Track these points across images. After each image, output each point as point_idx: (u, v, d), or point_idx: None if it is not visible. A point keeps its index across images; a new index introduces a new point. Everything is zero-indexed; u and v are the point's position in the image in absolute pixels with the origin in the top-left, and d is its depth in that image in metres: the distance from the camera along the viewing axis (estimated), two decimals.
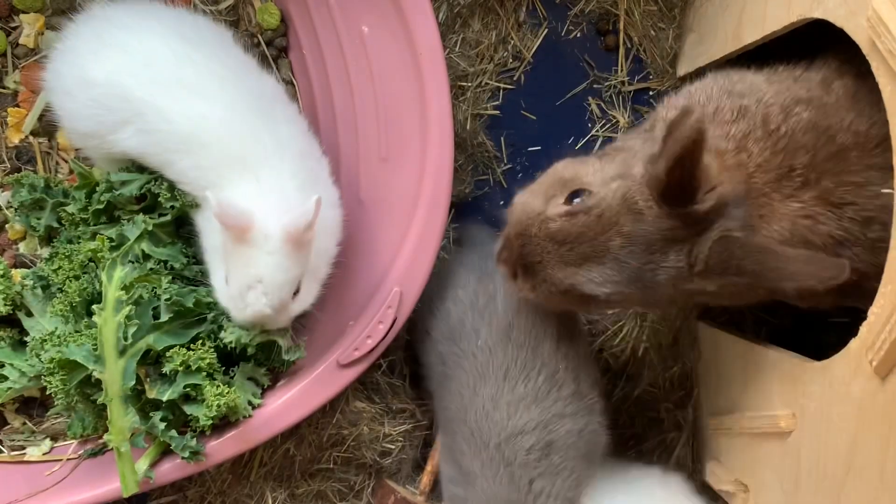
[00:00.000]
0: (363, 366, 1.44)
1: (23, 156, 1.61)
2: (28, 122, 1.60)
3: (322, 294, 1.40)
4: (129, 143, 1.37)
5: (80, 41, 1.41)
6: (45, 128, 1.61)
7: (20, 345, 1.50)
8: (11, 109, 1.60)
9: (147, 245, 1.42)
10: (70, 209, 1.49)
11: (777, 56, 1.31)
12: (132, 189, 1.44)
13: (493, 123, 1.72)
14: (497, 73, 1.72)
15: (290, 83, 1.66)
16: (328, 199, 1.39)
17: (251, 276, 1.26)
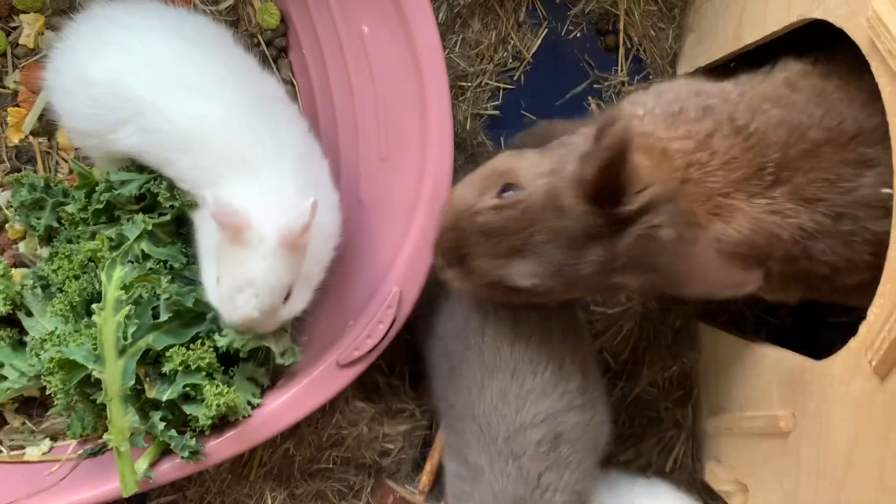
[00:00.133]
0: (363, 366, 1.43)
1: (23, 155, 1.61)
2: (28, 122, 1.60)
3: (315, 299, 1.38)
4: (129, 143, 1.37)
5: (81, 40, 1.40)
6: (45, 127, 1.61)
7: (20, 345, 1.50)
8: (11, 109, 1.60)
9: (147, 245, 1.42)
10: (70, 209, 1.49)
11: (777, 56, 1.31)
12: (131, 189, 1.44)
13: (493, 123, 1.72)
14: (497, 73, 1.72)
15: (290, 83, 1.66)
16: (327, 203, 1.39)
17: (242, 279, 1.25)
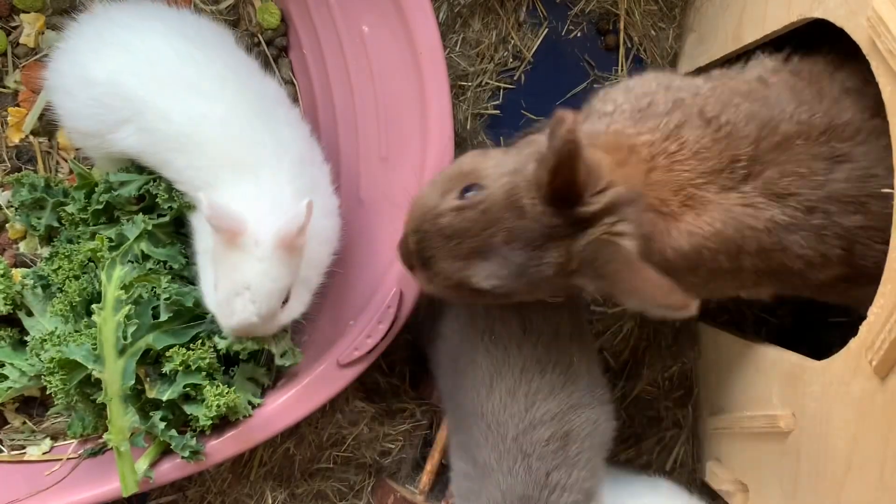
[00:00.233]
0: (363, 366, 1.43)
1: (23, 155, 1.61)
2: (28, 122, 1.60)
3: (314, 303, 1.38)
4: (129, 142, 1.37)
5: (82, 40, 1.41)
6: (46, 127, 1.61)
7: (20, 344, 1.50)
8: (12, 109, 1.60)
9: (146, 245, 1.42)
10: (69, 209, 1.49)
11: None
12: (131, 190, 1.45)
13: (494, 123, 1.72)
14: (497, 73, 1.71)
15: (291, 83, 1.67)
16: (327, 208, 1.39)
17: (239, 283, 1.24)
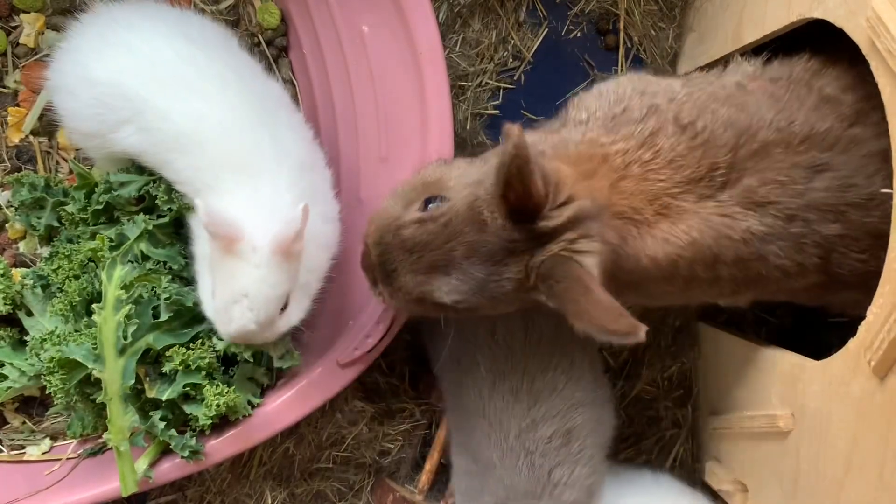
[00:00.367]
0: (363, 366, 1.43)
1: (23, 155, 1.61)
2: (28, 122, 1.60)
3: (313, 308, 1.37)
4: (130, 142, 1.37)
5: (84, 40, 1.41)
6: (46, 127, 1.61)
7: (20, 344, 1.50)
8: (12, 109, 1.60)
9: (146, 246, 1.42)
10: (69, 209, 1.49)
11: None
12: (131, 190, 1.45)
13: (493, 123, 1.72)
14: (497, 73, 1.71)
15: (291, 83, 1.67)
16: (327, 214, 1.38)
17: (237, 290, 1.23)
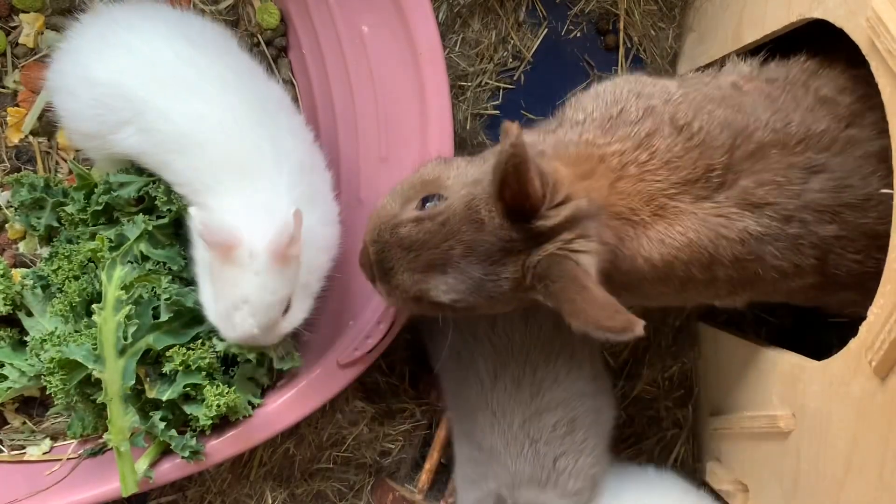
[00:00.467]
0: (363, 366, 1.43)
1: (22, 155, 1.61)
2: (28, 122, 1.60)
3: (315, 307, 1.36)
4: (129, 143, 1.37)
5: (84, 41, 1.40)
6: (45, 127, 1.61)
7: (20, 344, 1.50)
8: (11, 109, 1.60)
9: (146, 246, 1.42)
10: (69, 209, 1.49)
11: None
12: (130, 191, 1.44)
13: (493, 123, 1.71)
14: (497, 73, 1.71)
15: (290, 83, 1.66)
16: (326, 216, 1.38)
17: (237, 297, 1.24)
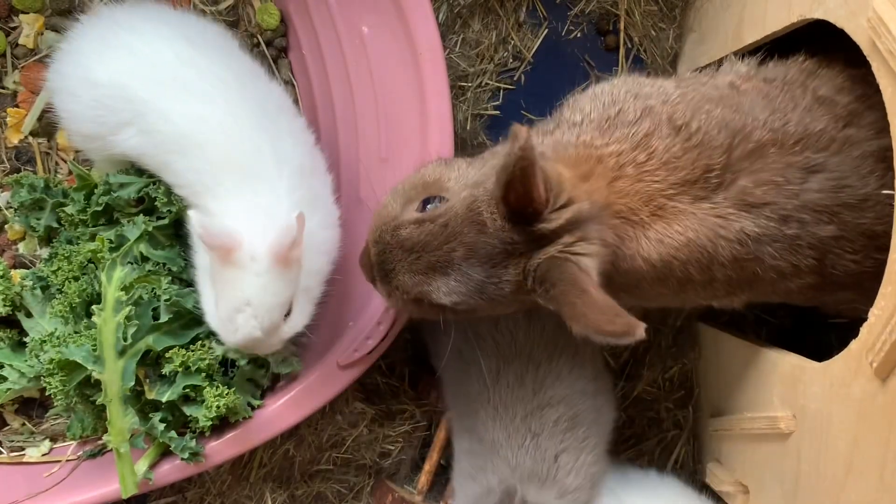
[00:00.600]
0: (363, 367, 1.43)
1: (22, 156, 1.61)
2: (27, 123, 1.60)
3: (316, 312, 1.36)
4: (130, 144, 1.37)
5: (85, 42, 1.40)
6: (45, 128, 1.61)
7: (20, 345, 1.50)
8: (11, 110, 1.60)
9: (145, 247, 1.42)
10: (69, 210, 1.49)
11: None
12: (130, 192, 1.44)
13: (494, 123, 1.72)
14: (497, 74, 1.71)
15: (290, 83, 1.66)
16: (327, 220, 1.38)
17: (239, 300, 1.23)
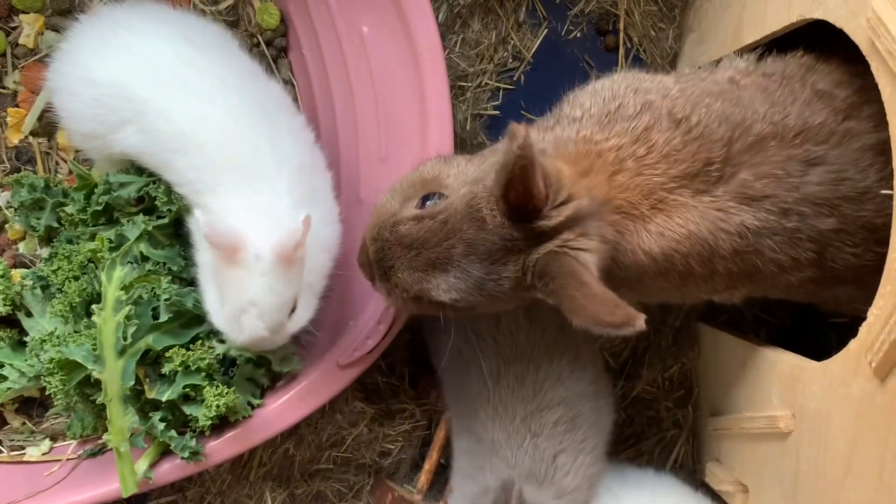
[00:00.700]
0: (363, 366, 1.43)
1: (22, 156, 1.61)
2: (28, 123, 1.60)
3: (320, 307, 1.36)
4: (129, 143, 1.37)
5: (85, 42, 1.40)
6: (45, 128, 1.61)
7: (20, 345, 1.50)
8: (11, 109, 1.60)
9: (145, 247, 1.42)
10: (69, 210, 1.49)
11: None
12: (130, 191, 1.44)
13: (493, 123, 1.72)
14: (497, 73, 1.71)
15: (290, 83, 1.67)
16: (327, 216, 1.38)
17: (244, 300, 1.23)
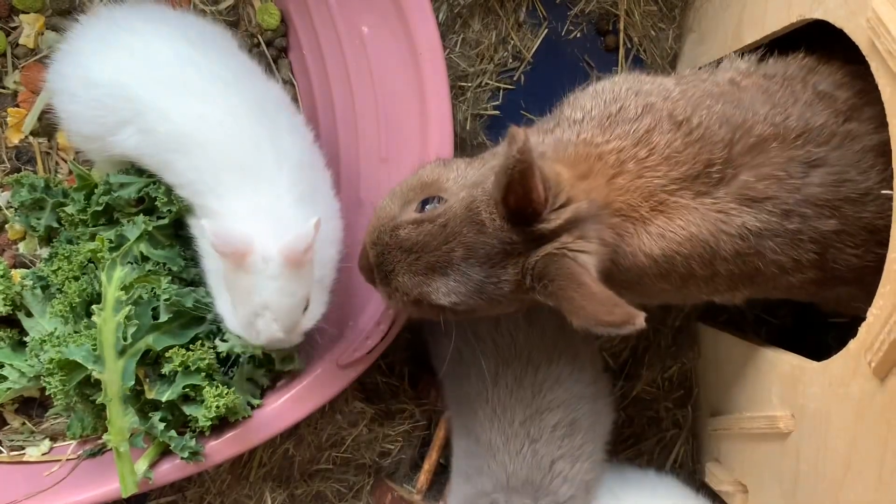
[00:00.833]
0: (362, 367, 1.43)
1: (22, 156, 1.61)
2: (28, 123, 1.60)
3: (331, 300, 1.37)
4: (129, 144, 1.37)
5: (85, 42, 1.41)
6: (45, 128, 1.61)
7: (20, 345, 1.50)
8: (11, 109, 1.60)
9: (145, 247, 1.42)
10: (69, 210, 1.49)
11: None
12: (130, 192, 1.45)
13: (493, 123, 1.72)
14: (497, 74, 1.71)
15: (290, 83, 1.67)
16: (329, 212, 1.39)
17: (257, 304, 1.23)
